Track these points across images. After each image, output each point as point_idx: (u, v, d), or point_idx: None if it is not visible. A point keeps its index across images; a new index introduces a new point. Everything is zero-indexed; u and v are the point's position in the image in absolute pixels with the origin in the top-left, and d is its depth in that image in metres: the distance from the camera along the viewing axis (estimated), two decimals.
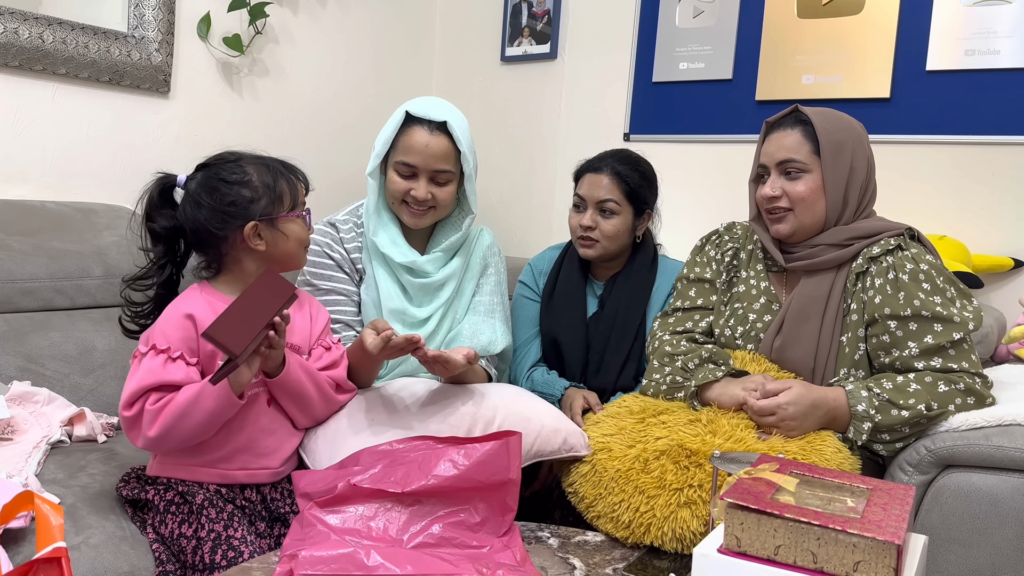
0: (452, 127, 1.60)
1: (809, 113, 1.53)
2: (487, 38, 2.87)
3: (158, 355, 1.26)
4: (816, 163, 1.51)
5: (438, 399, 1.47)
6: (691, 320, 1.67)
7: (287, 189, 1.35)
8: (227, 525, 1.25)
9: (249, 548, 1.23)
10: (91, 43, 2.02)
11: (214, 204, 1.31)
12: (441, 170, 1.61)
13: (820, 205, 1.52)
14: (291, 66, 2.53)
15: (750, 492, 0.89)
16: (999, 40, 2.01)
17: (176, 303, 1.32)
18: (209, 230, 1.32)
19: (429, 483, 1.23)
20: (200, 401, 1.23)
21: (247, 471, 1.34)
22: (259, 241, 1.33)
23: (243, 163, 1.35)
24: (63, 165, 2.04)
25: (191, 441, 1.27)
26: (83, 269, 1.79)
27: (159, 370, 1.25)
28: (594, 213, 1.78)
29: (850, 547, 0.82)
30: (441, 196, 1.62)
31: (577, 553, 1.28)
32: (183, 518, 1.27)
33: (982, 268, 1.97)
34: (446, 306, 1.68)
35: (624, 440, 1.43)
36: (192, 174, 1.36)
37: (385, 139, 1.63)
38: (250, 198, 1.31)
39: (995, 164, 2.03)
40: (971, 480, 1.33)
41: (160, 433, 1.23)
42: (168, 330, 1.28)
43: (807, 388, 1.42)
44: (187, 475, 1.31)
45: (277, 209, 1.34)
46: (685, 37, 2.46)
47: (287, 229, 1.35)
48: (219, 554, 1.21)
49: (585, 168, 1.84)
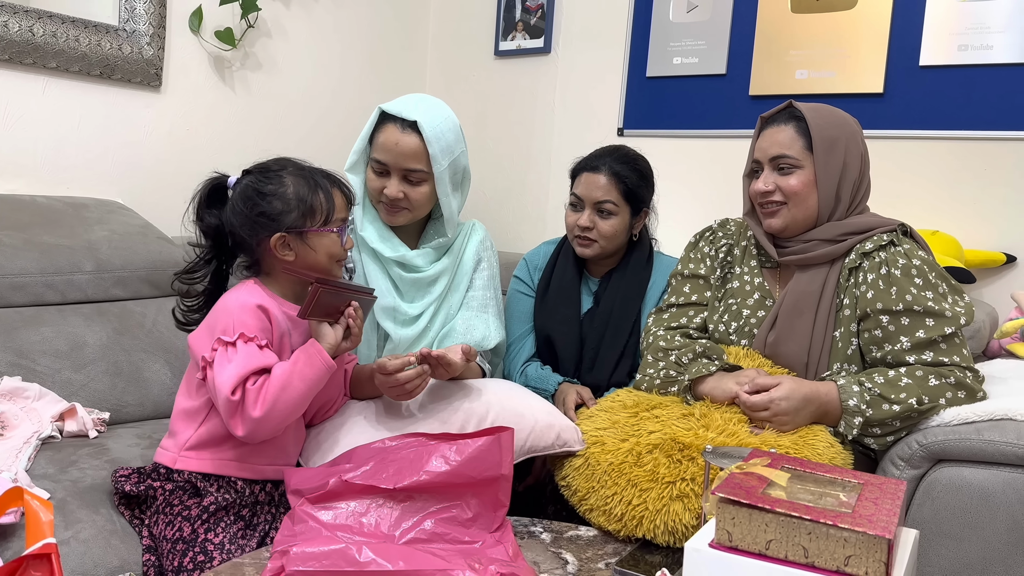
0: (422, 126, 1.57)
1: (803, 109, 1.53)
2: (481, 32, 2.87)
3: (248, 342, 1.27)
4: (809, 159, 1.51)
5: (431, 396, 1.47)
6: (685, 316, 1.67)
7: (321, 203, 1.34)
8: (210, 528, 1.25)
9: (222, 555, 1.23)
10: (82, 36, 2.01)
11: (246, 212, 1.32)
12: (412, 169, 1.59)
13: (812, 200, 1.52)
14: (284, 60, 2.52)
15: (741, 487, 0.89)
16: (992, 35, 2.01)
17: (238, 295, 1.33)
18: (242, 235, 1.34)
19: (421, 479, 1.23)
20: (298, 369, 1.26)
21: (275, 466, 1.35)
22: (287, 252, 1.34)
23: (284, 173, 1.34)
24: (54, 159, 2.03)
25: (289, 419, 1.28)
26: (74, 264, 1.78)
27: (257, 355, 1.27)
28: (592, 213, 1.77)
29: (841, 541, 0.82)
30: (414, 196, 1.61)
31: (570, 548, 1.28)
32: (170, 519, 1.26)
33: (974, 263, 1.98)
34: (438, 302, 1.68)
35: (617, 434, 1.43)
36: (239, 178, 1.37)
37: (363, 136, 1.64)
38: (280, 210, 1.32)
39: (988, 159, 2.03)
40: (962, 474, 1.33)
41: (265, 411, 1.23)
42: (248, 320, 1.29)
43: (799, 383, 1.42)
44: (217, 469, 1.31)
45: (308, 223, 1.33)
46: (679, 32, 2.46)
47: (316, 243, 1.34)
48: (188, 557, 1.22)
49: (582, 167, 1.82)
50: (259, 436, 1.27)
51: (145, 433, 1.60)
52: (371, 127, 1.63)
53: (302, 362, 1.27)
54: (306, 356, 1.27)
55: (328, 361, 1.28)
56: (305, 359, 1.27)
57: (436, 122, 1.60)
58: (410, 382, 1.37)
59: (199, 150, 2.31)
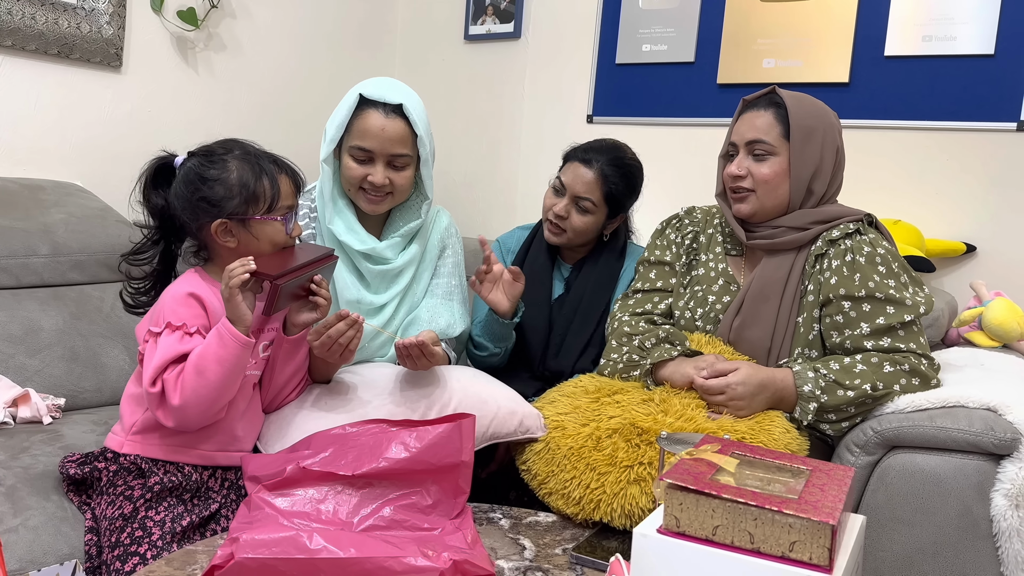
0: (408, 109, 1.55)
1: (785, 96, 1.53)
2: (450, 16, 2.84)
3: (174, 331, 1.25)
4: (784, 146, 1.52)
5: (394, 382, 1.46)
6: (650, 302, 1.68)
7: (265, 190, 1.31)
8: (151, 507, 1.23)
9: (161, 530, 1.20)
10: (38, 14, 1.96)
11: (188, 196, 1.30)
12: (398, 154, 1.56)
13: (783, 189, 1.53)
14: (248, 42, 2.48)
15: (690, 473, 0.90)
16: (956, 26, 2.02)
17: (176, 285, 1.32)
18: (184, 219, 1.32)
19: (380, 466, 1.22)
20: (211, 351, 1.22)
21: (226, 453, 1.34)
22: (229, 238, 1.32)
23: (228, 157, 1.31)
24: (10, 140, 1.99)
25: (216, 403, 1.25)
26: (29, 247, 1.75)
27: (176, 344, 1.24)
28: (570, 204, 1.76)
29: (786, 527, 0.83)
30: (399, 181, 1.58)
31: (528, 534, 1.29)
32: (112, 499, 1.25)
33: (935, 252, 2.00)
34: (403, 292, 1.66)
35: (578, 419, 1.43)
36: (185, 158, 1.34)
37: (339, 123, 1.56)
38: (222, 196, 1.29)
39: (950, 150, 2.05)
40: (915, 460, 1.35)
41: (184, 399, 1.22)
42: (178, 308, 1.27)
43: (755, 369, 1.43)
44: (164, 455, 1.29)
45: (251, 210, 1.30)
46: (648, 19, 2.46)
47: (259, 231, 1.32)
48: (126, 533, 1.20)
49: (575, 156, 1.79)
50: (189, 424, 1.26)
51: (101, 419, 1.58)
52: (349, 113, 1.56)
53: (214, 344, 1.23)
54: (217, 337, 1.24)
55: (240, 338, 1.24)
56: (216, 340, 1.24)
57: (416, 104, 1.58)
58: (343, 335, 1.36)
59: (161, 132, 2.27)
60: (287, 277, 1.27)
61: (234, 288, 1.24)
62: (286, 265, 1.29)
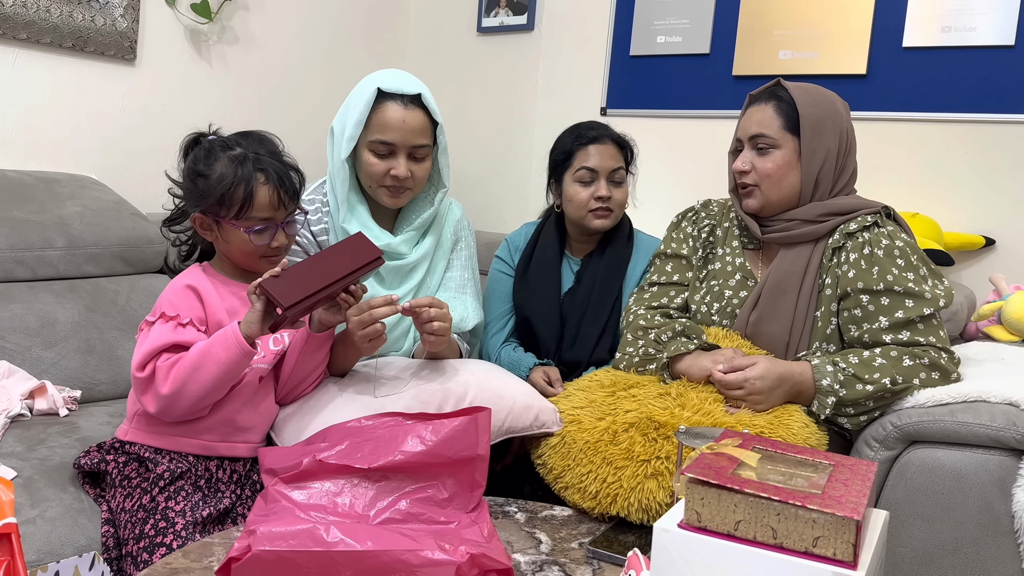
0: (426, 99, 1.55)
1: (789, 88, 1.52)
2: (463, 8, 2.83)
3: (168, 321, 1.27)
4: (787, 139, 1.51)
5: (409, 376, 1.46)
6: (666, 296, 1.67)
7: (238, 197, 1.29)
8: (170, 497, 1.24)
9: (184, 519, 1.21)
10: (53, 7, 1.96)
11: (184, 180, 1.35)
12: (419, 145, 1.55)
13: (788, 181, 1.52)
14: (262, 34, 2.48)
15: (711, 467, 0.89)
16: (976, 17, 2.00)
17: (177, 278, 1.35)
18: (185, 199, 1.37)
19: (396, 459, 1.22)
20: (212, 352, 1.23)
21: (228, 443, 1.34)
22: (208, 232, 1.34)
23: (223, 155, 1.31)
24: (25, 133, 1.99)
25: (203, 401, 1.26)
26: (45, 240, 1.75)
27: (170, 333, 1.26)
28: (607, 183, 1.76)
29: (809, 523, 0.82)
30: (419, 173, 1.57)
31: (544, 528, 1.28)
32: (128, 492, 1.25)
33: (954, 246, 1.98)
34: (418, 286, 1.65)
35: (594, 413, 1.42)
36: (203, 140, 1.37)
37: (357, 119, 1.53)
38: (202, 191, 1.31)
39: (969, 142, 2.03)
40: (936, 456, 1.34)
41: (173, 389, 1.22)
42: (174, 299, 1.29)
43: (774, 362, 1.42)
44: (165, 444, 1.30)
45: (223, 212, 1.30)
46: (663, 10, 2.44)
47: (229, 235, 1.33)
48: (150, 524, 1.21)
49: (586, 140, 1.77)
50: (171, 414, 1.26)
51: (117, 412, 1.58)
52: (368, 107, 1.53)
53: (217, 344, 1.24)
54: (221, 338, 1.24)
55: (243, 345, 1.23)
56: (220, 341, 1.24)
57: (429, 93, 1.58)
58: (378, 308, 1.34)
59: (174, 125, 2.26)
60: (298, 307, 1.23)
61: (250, 294, 1.25)
62: (307, 290, 1.24)
